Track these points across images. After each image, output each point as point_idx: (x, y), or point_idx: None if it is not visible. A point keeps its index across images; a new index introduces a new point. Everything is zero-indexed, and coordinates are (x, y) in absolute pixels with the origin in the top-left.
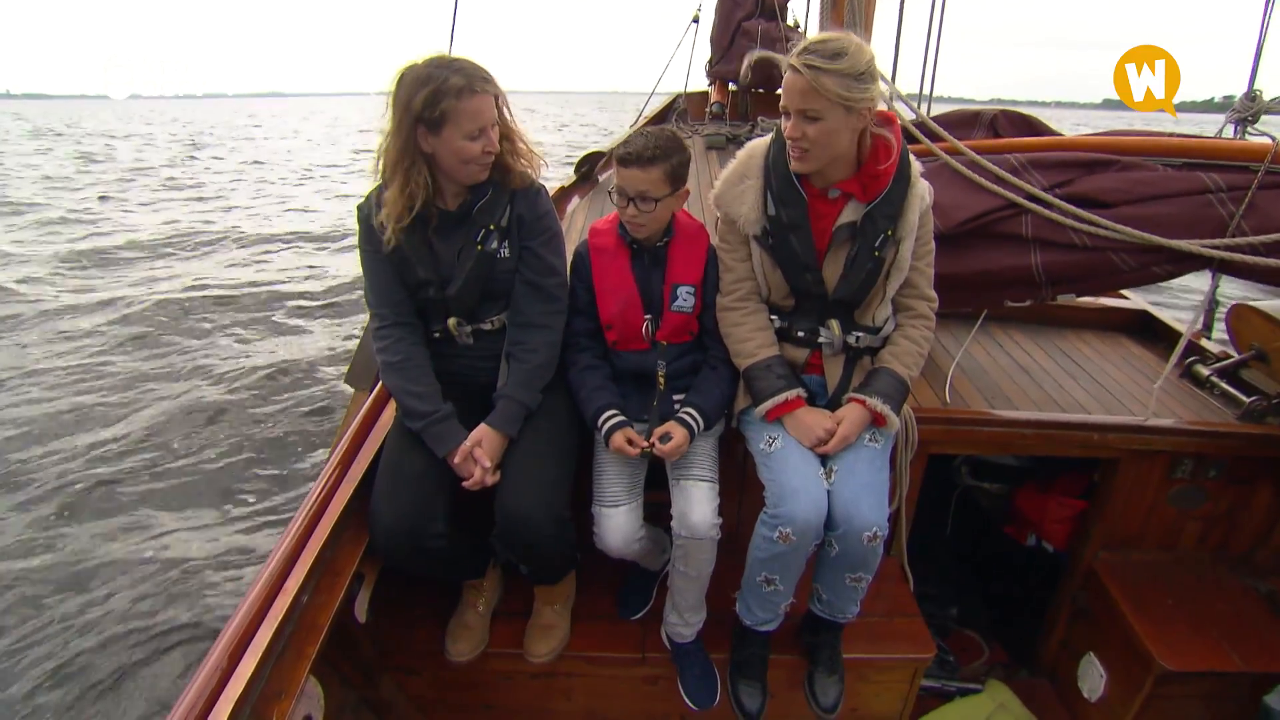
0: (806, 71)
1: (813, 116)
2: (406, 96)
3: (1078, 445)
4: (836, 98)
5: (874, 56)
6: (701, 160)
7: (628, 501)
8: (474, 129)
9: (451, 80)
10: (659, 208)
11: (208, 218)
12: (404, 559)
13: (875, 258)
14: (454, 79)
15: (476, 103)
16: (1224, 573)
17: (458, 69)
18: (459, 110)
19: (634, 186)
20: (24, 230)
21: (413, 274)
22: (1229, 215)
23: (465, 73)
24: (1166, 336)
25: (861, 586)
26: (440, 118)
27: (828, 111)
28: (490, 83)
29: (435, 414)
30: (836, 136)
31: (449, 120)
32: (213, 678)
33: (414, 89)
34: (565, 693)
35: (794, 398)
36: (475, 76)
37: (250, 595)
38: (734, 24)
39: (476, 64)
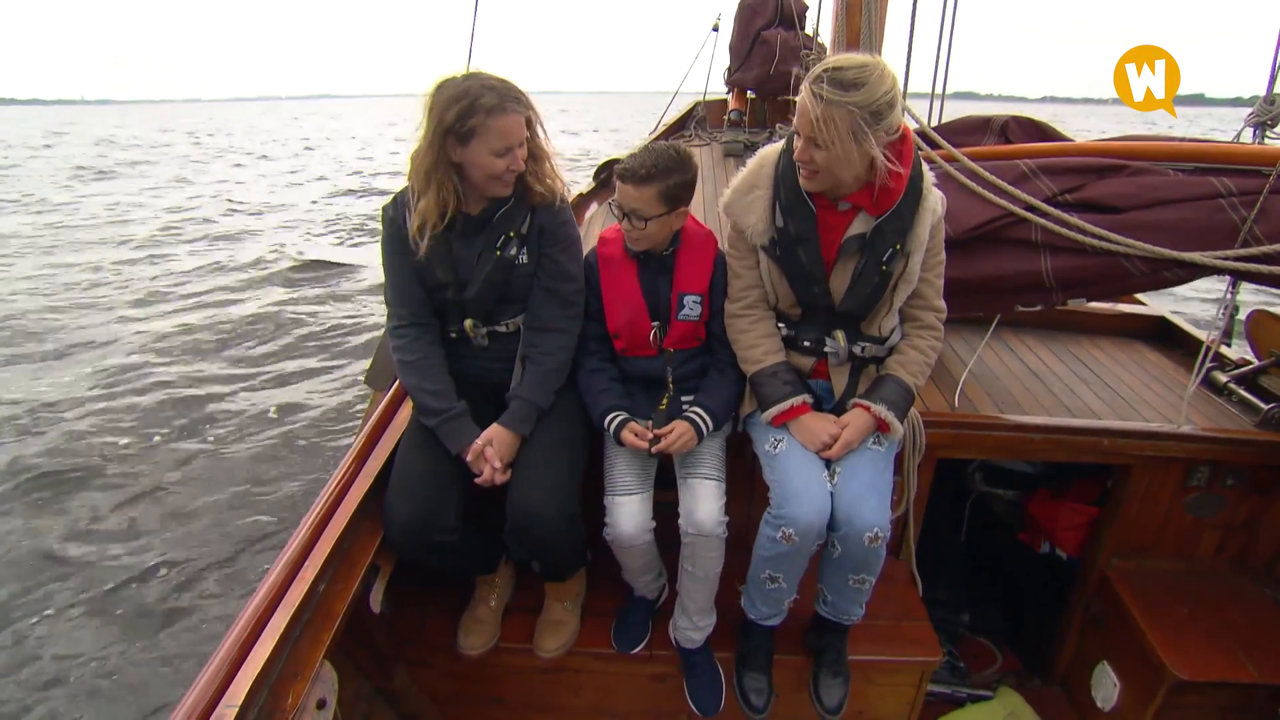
0: (816, 103)
1: (821, 145)
2: (440, 110)
3: (1091, 451)
4: (846, 131)
5: (896, 82)
6: (719, 167)
7: (640, 490)
8: (501, 146)
9: (484, 99)
10: (651, 226)
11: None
12: (417, 553)
13: (883, 271)
14: (486, 97)
15: (506, 121)
16: (1241, 582)
17: (491, 86)
18: (488, 127)
19: (627, 202)
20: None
21: (432, 276)
22: (1240, 220)
23: (498, 91)
24: (1184, 343)
25: (865, 588)
26: (469, 132)
27: (836, 143)
28: (522, 103)
29: (449, 411)
30: (844, 164)
31: (477, 135)
32: (231, 653)
33: (448, 104)
34: (574, 688)
35: (799, 404)
36: (508, 96)
37: (268, 580)
38: (753, 32)
39: (511, 83)
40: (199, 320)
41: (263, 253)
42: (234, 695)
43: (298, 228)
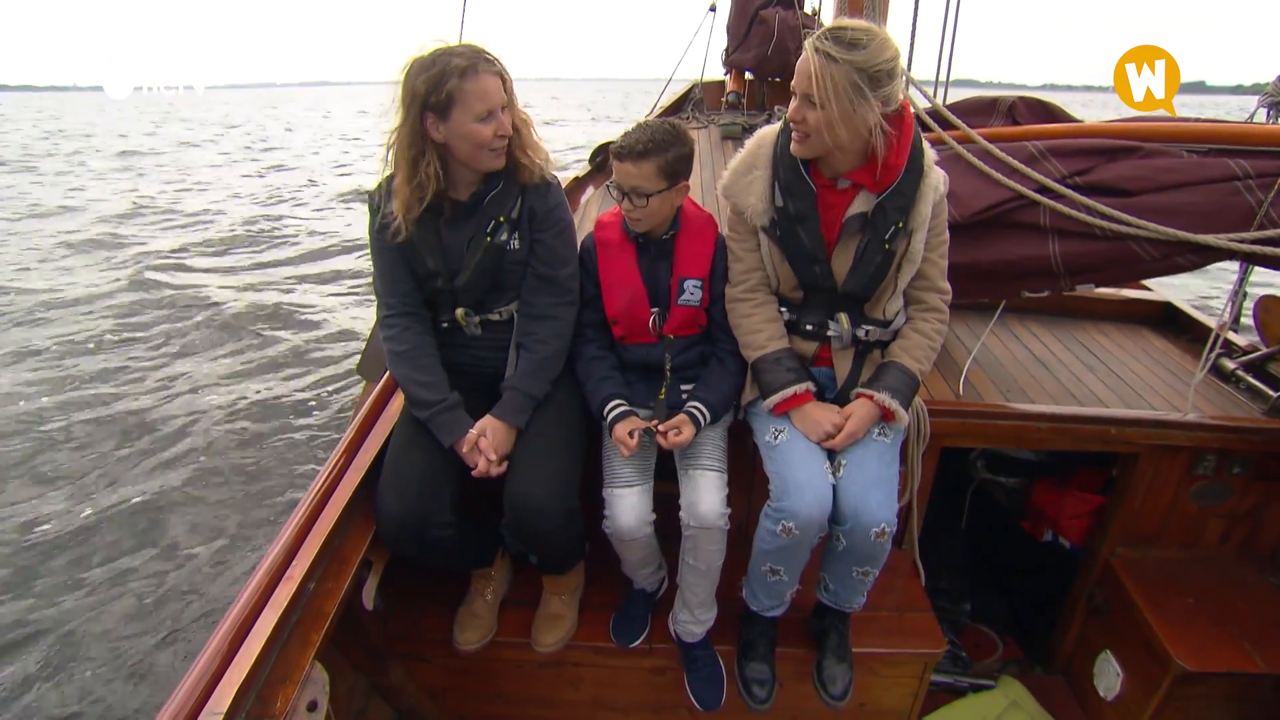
0: (816, 57)
1: (816, 103)
2: (411, 81)
3: (1096, 440)
4: (842, 90)
5: (898, 54)
6: (717, 149)
7: (640, 483)
8: (483, 110)
9: (454, 62)
10: (653, 203)
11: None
12: (410, 549)
13: (886, 250)
14: (456, 60)
15: (483, 83)
16: (1247, 572)
17: (459, 52)
18: (465, 91)
19: (627, 181)
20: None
21: (422, 264)
22: (1257, 203)
23: (467, 55)
24: (1190, 329)
25: (869, 579)
26: (447, 100)
27: (831, 101)
28: (494, 63)
29: (442, 403)
30: (837, 128)
31: (456, 102)
32: (213, 662)
33: (418, 73)
34: (573, 682)
35: (802, 391)
36: (479, 57)
37: (252, 581)
38: (751, 12)
39: (479, 46)
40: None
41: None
42: (218, 701)
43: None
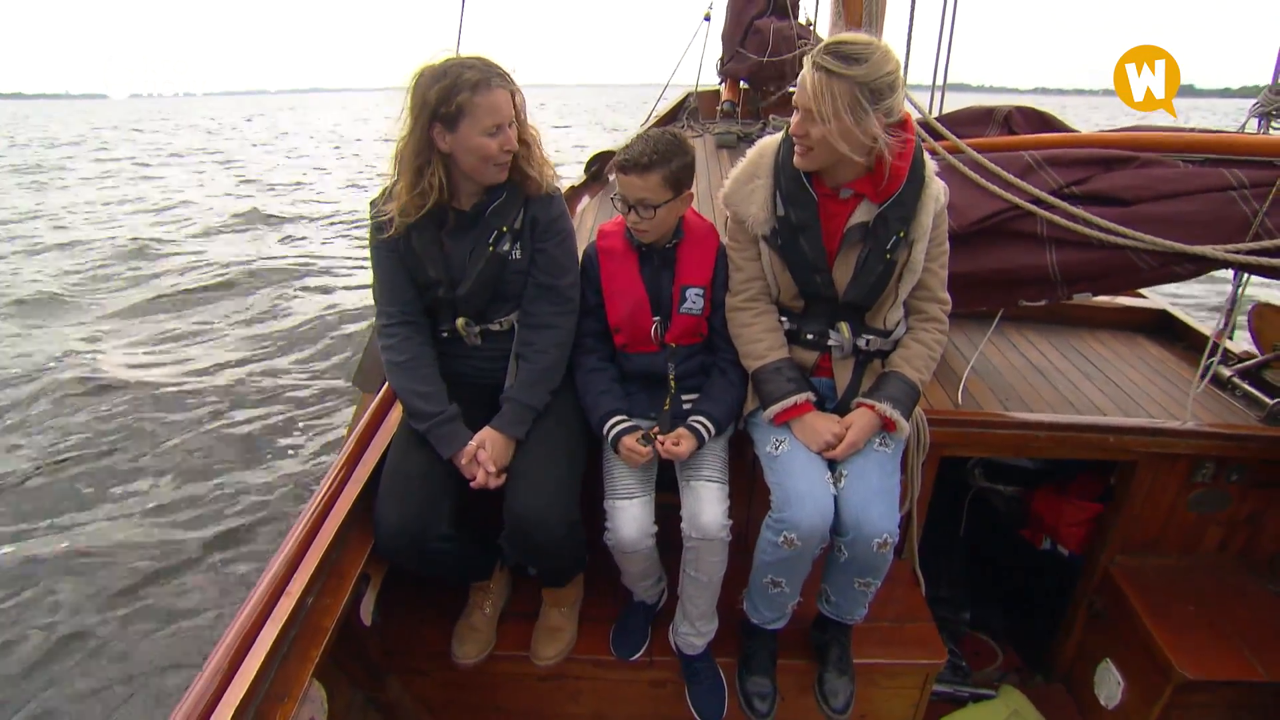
0: (817, 73)
1: (818, 118)
2: (423, 90)
3: (1094, 448)
4: (844, 105)
5: (899, 66)
6: (712, 159)
7: (641, 494)
8: (491, 124)
9: (466, 75)
10: (660, 213)
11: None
12: (409, 562)
13: (887, 260)
14: (469, 73)
15: (493, 97)
16: (1247, 579)
17: (472, 65)
18: (475, 104)
19: (633, 193)
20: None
21: (424, 273)
22: (1252, 213)
23: (480, 68)
24: (1186, 337)
25: (870, 591)
26: (456, 112)
27: (833, 117)
28: (506, 79)
29: (440, 415)
30: (840, 142)
31: (465, 115)
32: (213, 681)
33: (430, 83)
34: (572, 695)
35: (802, 401)
36: (491, 72)
37: (252, 598)
38: (745, 22)
39: (492, 60)
40: (175, 318)
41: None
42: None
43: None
